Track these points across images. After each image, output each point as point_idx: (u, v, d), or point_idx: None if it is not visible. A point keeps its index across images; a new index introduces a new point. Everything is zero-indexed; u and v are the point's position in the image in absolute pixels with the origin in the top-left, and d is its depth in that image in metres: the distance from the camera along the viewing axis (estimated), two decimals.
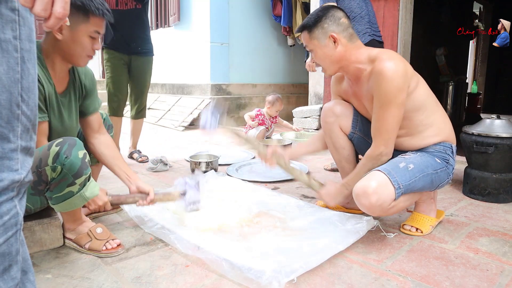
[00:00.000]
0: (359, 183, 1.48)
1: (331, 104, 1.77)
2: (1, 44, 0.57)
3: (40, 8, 0.55)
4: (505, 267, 1.33)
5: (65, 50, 1.41)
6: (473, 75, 8.63)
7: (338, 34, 1.53)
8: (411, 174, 1.47)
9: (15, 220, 0.62)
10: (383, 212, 1.48)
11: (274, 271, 1.18)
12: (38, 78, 1.33)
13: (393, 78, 1.43)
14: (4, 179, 0.59)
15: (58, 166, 1.25)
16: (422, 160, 1.52)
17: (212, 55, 5.57)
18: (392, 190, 1.43)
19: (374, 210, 1.45)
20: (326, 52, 1.56)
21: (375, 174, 1.47)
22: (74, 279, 1.25)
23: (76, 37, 1.38)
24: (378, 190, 1.42)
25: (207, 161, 2.59)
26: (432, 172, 1.51)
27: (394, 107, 1.45)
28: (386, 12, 3.30)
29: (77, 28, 1.37)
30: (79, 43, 1.40)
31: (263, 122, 3.69)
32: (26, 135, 0.63)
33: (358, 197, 1.46)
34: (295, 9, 5.81)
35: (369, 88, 1.53)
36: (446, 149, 1.56)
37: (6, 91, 0.58)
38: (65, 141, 1.29)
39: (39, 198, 1.35)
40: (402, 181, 1.45)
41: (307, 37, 1.58)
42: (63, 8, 0.57)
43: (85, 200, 1.35)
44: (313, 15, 1.58)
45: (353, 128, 1.73)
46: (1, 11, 0.57)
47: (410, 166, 1.48)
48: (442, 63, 5.91)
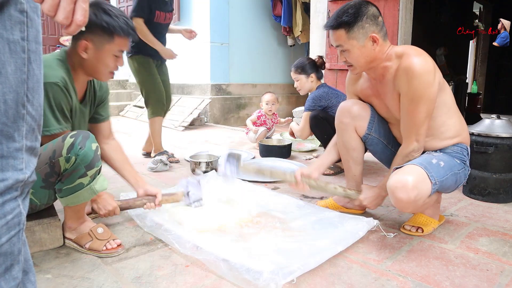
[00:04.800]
0: (396, 177, 1.40)
1: (349, 104, 1.73)
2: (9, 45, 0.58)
3: (63, 17, 0.59)
4: (505, 267, 1.34)
5: (90, 67, 1.46)
6: (473, 75, 8.63)
7: (377, 34, 1.48)
8: (443, 171, 1.45)
9: (18, 220, 0.62)
10: (415, 209, 1.44)
11: (271, 273, 1.18)
12: (67, 89, 1.39)
13: (422, 73, 1.40)
14: (9, 178, 0.59)
15: (72, 157, 1.27)
16: (448, 159, 1.51)
17: (212, 55, 5.57)
18: (430, 186, 1.38)
19: (409, 206, 1.39)
20: (364, 52, 1.49)
21: (412, 168, 1.40)
22: (74, 279, 1.25)
23: (101, 56, 1.43)
24: (418, 185, 1.35)
25: (207, 161, 2.59)
26: (457, 172, 1.51)
27: (425, 102, 1.43)
28: (386, 12, 3.30)
29: (102, 48, 1.42)
30: (104, 62, 1.45)
31: (265, 122, 3.69)
32: (31, 135, 0.64)
33: (396, 190, 1.37)
34: (295, 9, 5.81)
35: (395, 86, 1.51)
36: (463, 150, 1.56)
37: (13, 91, 0.60)
38: (79, 133, 1.32)
39: (48, 192, 1.37)
40: (438, 176, 1.41)
41: (344, 36, 1.48)
42: (83, 16, 0.61)
43: (94, 194, 1.38)
44: (350, 13, 1.46)
45: (369, 130, 1.70)
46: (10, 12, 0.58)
47: (441, 163, 1.46)
48: (442, 63, 5.91)
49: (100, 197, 1.52)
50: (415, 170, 1.40)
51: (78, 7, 0.60)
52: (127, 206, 1.58)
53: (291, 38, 6.17)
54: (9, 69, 0.58)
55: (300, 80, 2.72)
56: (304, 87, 2.73)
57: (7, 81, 0.58)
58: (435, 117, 1.52)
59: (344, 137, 1.75)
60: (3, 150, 0.59)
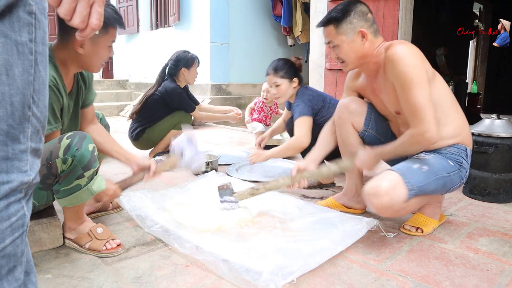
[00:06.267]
0: (371, 183, 1.43)
1: (347, 101, 1.75)
2: (17, 46, 0.58)
3: (79, 21, 0.60)
4: (505, 267, 1.34)
5: (85, 61, 1.46)
6: (473, 75, 8.63)
7: (366, 30, 1.51)
8: (425, 176, 1.44)
9: (22, 222, 0.62)
10: (394, 214, 1.45)
11: (271, 273, 1.17)
12: (58, 89, 1.38)
13: (404, 56, 1.41)
14: (14, 180, 0.59)
15: (69, 158, 1.27)
16: (436, 162, 1.49)
17: (212, 55, 5.57)
18: (405, 191, 1.39)
19: (385, 211, 1.42)
20: (353, 47, 1.53)
21: (388, 174, 1.43)
22: (74, 279, 1.25)
23: (96, 50, 1.44)
24: (390, 191, 1.38)
25: (207, 161, 2.59)
26: (445, 175, 1.48)
27: (416, 85, 1.40)
28: (386, 12, 3.30)
29: (98, 41, 1.43)
30: (99, 55, 1.46)
31: (262, 109, 3.70)
32: (36, 137, 0.64)
33: (370, 197, 1.41)
34: (295, 9, 5.81)
35: (387, 79, 1.51)
36: (461, 151, 1.53)
37: (20, 93, 0.59)
38: (75, 134, 1.32)
39: (46, 193, 1.37)
40: (416, 182, 1.41)
41: (333, 32, 1.54)
42: (99, 20, 0.62)
43: (91, 194, 1.38)
44: (338, 9, 1.53)
45: (366, 126, 1.72)
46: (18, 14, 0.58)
47: (424, 168, 1.45)
48: (442, 63, 5.91)
49: None
50: (390, 176, 1.42)
51: (93, 11, 0.61)
52: (126, 185, 1.58)
53: (291, 38, 6.17)
54: (16, 71, 0.58)
55: (281, 86, 2.24)
56: (286, 93, 2.27)
57: (14, 83, 0.58)
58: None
59: (343, 133, 1.77)
60: (9, 152, 0.59)
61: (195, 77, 3.04)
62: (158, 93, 2.89)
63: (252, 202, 1.86)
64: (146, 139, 2.91)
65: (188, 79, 2.99)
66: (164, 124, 2.88)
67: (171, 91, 2.86)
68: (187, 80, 2.99)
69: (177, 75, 2.95)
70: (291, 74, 2.25)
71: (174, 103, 2.89)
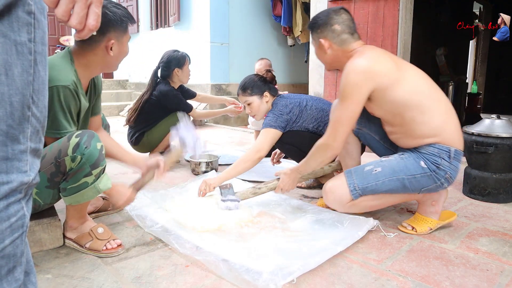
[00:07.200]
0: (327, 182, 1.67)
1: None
2: (16, 46, 0.58)
3: (76, 22, 0.60)
4: (505, 267, 1.34)
5: (111, 62, 1.50)
6: (473, 75, 8.62)
7: (329, 41, 1.61)
8: (374, 177, 1.54)
9: (22, 222, 0.62)
10: (348, 210, 1.63)
11: (271, 273, 1.18)
12: (76, 92, 1.40)
13: (349, 73, 1.49)
14: (13, 181, 0.59)
15: (78, 156, 1.28)
16: (397, 164, 1.54)
17: (212, 55, 5.57)
18: (347, 191, 1.57)
19: (335, 207, 1.67)
20: (319, 52, 1.69)
21: (338, 175, 1.66)
22: (74, 279, 1.25)
23: (122, 49, 1.50)
24: (333, 190, 1.62)
25: (207, 161, 2.59)
26: (404, 177, 1.52)
27: (349, 102, 1.49)
28: (386, 12, 3.30)
29: (122, 41, 1.48)
30: (123, 54, 1.52)
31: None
32: (36, 137, 0.63)
33: (323, 194, 1.69)
34: (295, 9, 5.81)
35: None
36: (441, 152, 1.48)
37: (19, 93, 0.59)
38: (84, 132, 1.33)
39: (52, 191, 1.37)
40: (360, 183, 1.55)
41: (310, 36, 1.75)
42: (96, 21, 0.62)
43: (98, 192, 1.38)
44: (314, 18, 1.67)
45: (359, 124, 1.74)
46: (18, 14, 0.58)
47: (376, 170, 1.56)
48: (442, 63, 5.90)
49: (113, 189, 1.49)
50: (338, 177, 1.65)
51: (91, 12, 0.61)
52: (139, 186, 1.59)
53: (291, 38, 6.16)
54: (15, 71, 0.58)
55: (252, 103, 2.17)
56: (260, 110, 2.19)
57: (14, 83, 0.58)
58: (401, 112, 1.50)
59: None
60: (8, 152, 0.59)
61: (188, 76, 2.99)
62: (153, 97, 2.86)
63: (252, 202, 1.87)
64: (146, 143, 2.90)
65: (182, 79, 2.94)
66: (162, 126, 2.87)
67: (167, 94, 2.83)
68: (181, 80, 2.95)
69: (170, 76, 2.89)
70: (259, 89, 2.18)
71: (172, 106, 2.87)
